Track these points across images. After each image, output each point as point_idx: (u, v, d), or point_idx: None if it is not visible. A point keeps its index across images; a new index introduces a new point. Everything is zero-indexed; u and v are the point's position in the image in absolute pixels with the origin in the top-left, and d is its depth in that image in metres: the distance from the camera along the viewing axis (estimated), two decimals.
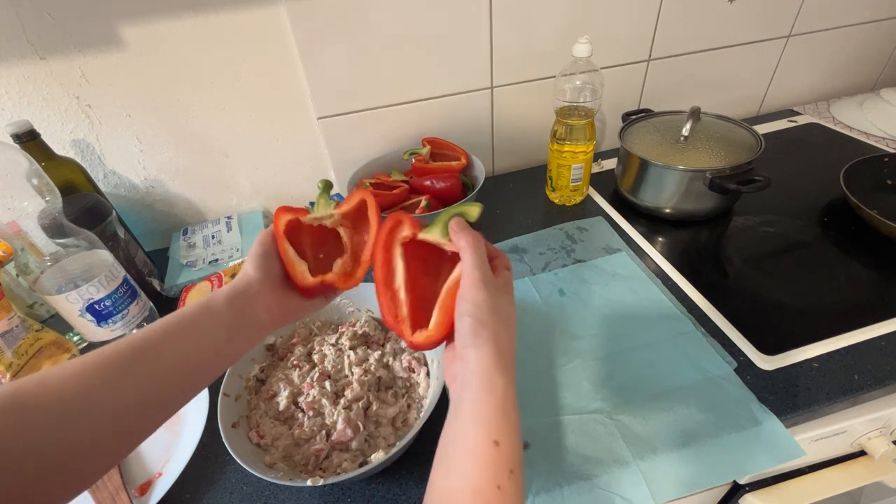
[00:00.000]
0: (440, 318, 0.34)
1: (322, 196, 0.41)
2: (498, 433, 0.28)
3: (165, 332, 0.32)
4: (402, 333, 0.35)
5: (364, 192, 0.40)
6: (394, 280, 0.36)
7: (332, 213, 0.41)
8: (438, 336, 0.34)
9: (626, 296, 0.63)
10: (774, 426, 0.47)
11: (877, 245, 0.65)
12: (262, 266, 0.37)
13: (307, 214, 0.40)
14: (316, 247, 0.41)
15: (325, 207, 0.41)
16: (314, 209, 0.41)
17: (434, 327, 0.34)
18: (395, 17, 0.71)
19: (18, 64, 0.63)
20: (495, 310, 0.32)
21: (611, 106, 0.91)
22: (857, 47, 0.99)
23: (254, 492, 0.47)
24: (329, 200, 0.41)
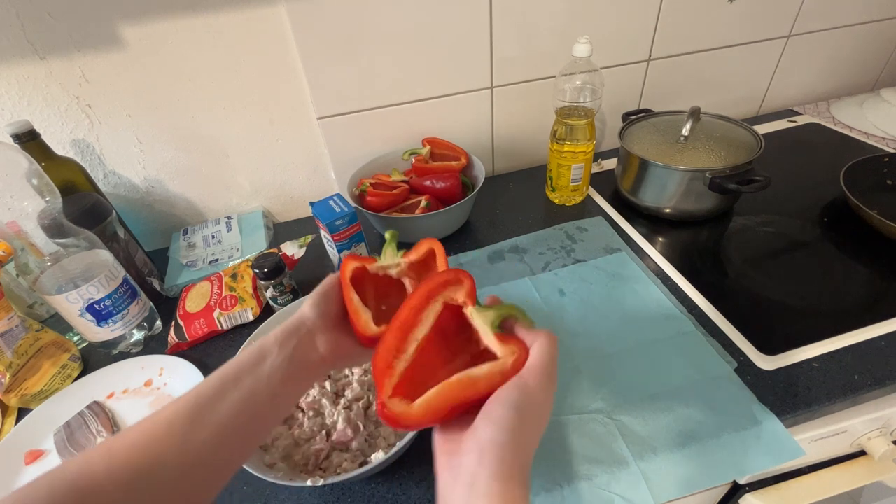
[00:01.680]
0: (432, 403, 0.28)
1: (389, 245, 0.40)
2: None
3: (222, 383, 0.32)
4: (381, 387, 0.30)
5: (433, 242, 0.39)
6: (414, 330, 0.32)
7: (398, 262, 0.40)
8: (417, 420, 0.28)
9: (626, 296, 0.63)
10: (774, 426, 0.47)
11: (877, 245, 0.65)
12: (320, 305, 0.37)
13: (374, 263, 0.39)
14: (379, 297, 0.40)
15: (393, 257, 0.40)
16: (381, 258, 0.40)
17: (419, 407, 0.28)
18: (395, 17, 0.71)
19: (18, 64, 0.63)
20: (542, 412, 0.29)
21: (611, 106, 0.91)
22: (857, 47, 0.99)
23: (254, 492, 0.47)
24: (396, 250, 0.40)
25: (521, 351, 0.30)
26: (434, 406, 0.28)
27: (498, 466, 0.25)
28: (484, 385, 0.29)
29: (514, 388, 0.28)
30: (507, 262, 0.70)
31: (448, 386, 0.29)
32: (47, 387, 0.58)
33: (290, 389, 0.35)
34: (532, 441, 0.28)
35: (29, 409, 0.56)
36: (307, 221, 0.87)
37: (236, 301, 0.64)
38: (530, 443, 0.28)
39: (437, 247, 0.39)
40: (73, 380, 0.60)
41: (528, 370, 0.29)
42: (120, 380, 0.59)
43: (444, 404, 0.28)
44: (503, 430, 0.26)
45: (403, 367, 0.30)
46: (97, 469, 0.27)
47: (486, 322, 0.32)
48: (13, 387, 0.56)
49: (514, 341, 0.31)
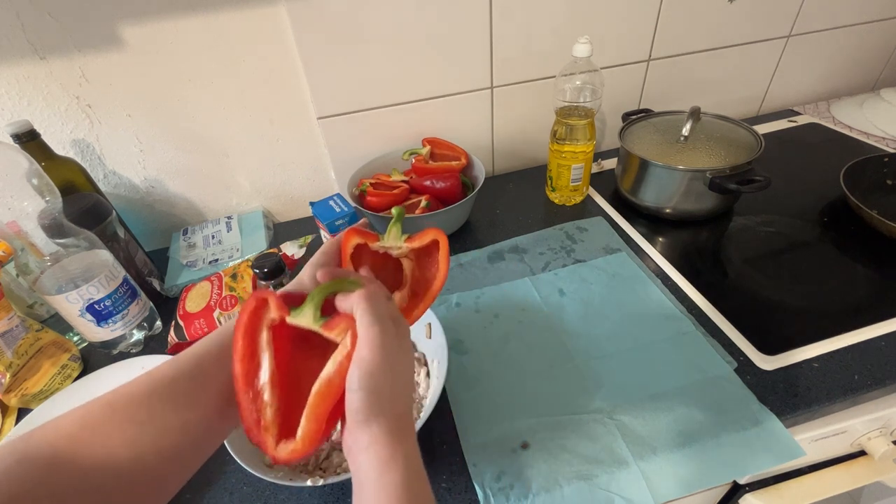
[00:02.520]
0: (310, 429, 0.28)
1: (395, 224, 0.39)
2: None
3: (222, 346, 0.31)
4: (264, 446, 0.29)
5: (438, 233, 0.39)
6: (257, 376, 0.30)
7: (401, 245, 0.39)
8: (306, 450, 0.28)
9: (626, 296, 0.63)
10: (774, 426, 0.47)
11: (877, 245, 0.65)
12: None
13: (376, 241, 0.39)
14: (375, 269, 0.39)
15: (397, 238, 0.39)
16: (385, 237, 0.39)
17: (302, 440, 0.28)
18: (395, 17, 0.71)
19: (18, 64, 0.63)
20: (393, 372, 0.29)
21: (611, 106, 0.91)
22: (857, 47, 0.99)
23: (254, 492, 0.47)
24: (401, 232, 0.39)
25: (349, 325, 0.30)
26: (313, 428, 0.28)
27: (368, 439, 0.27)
28: (339, 379, 0.29)
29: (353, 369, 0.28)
30: (507, 262, 0.70)
31: (313, 402, 0.28)
32: (47, 387, 0.58)
33: None
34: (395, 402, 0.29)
35: (29, 409, 0.56)
36: (307, 221, 0.87)
37: (236, 301, 0.64)
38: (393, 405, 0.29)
39: (441, 239, 0.38)
40: (73, 380, 0.60)
41: (360, 341, 0.29)
42: (120, 380, 0.57)
43: (320, 420, 0.28)
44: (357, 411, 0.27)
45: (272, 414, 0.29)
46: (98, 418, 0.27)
47: (308, 321, 0.31)
48: (13, 387, 0.56)
49: (340, 319, 0.30)
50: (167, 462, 0.28)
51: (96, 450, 0.26)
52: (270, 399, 0.29)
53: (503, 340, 0.59)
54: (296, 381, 0.30)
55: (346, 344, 0.29)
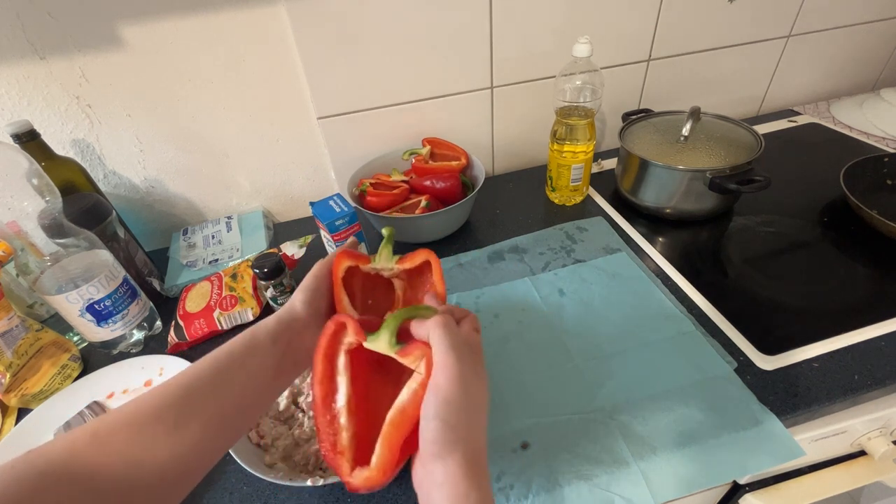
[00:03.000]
0: (384, 458, 0.28)
1: (385, 247, 0.39)
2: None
3: (215, 374, 0.31)
4: (339, 470, 0.29)
5: (429, 254, 0.38)
6: (334, 400, 0.30)
7: (392, 266, 0.39)
8: (381, 479, 0.28)
9: (626, 296, 0.63)
10: (774, 426, 0.47)
11: (877, 245, 0.65)
12: (312, 303, 0.36)
13: (367, 262, 0.39)
14: (367, 290, 0.39)
15: (388, 260, 0.39)
16: (376, 258, 0.39)
17: (377, 469, 0.28)
18: (395, 17, 0.71)
19: (18, 64, 0.63)
20: (468, 402, 0.28)
21: (611, 106, 0.91)
22: (857, 47, 0.99)
23: (254, 492, 0.47)
24: (392, 253, 0.39)
25: (425, 353, 0.30)
26: (387, 457, 0.28)
27: (441, 474, 0.26)
28: (412, 407, 0.29)
29: (428, 397, 0.28)
30: (507, 262, 0.70)
31: (387, 431, 0.28)
32: (47, 387, 0.58)
33: (279, 384, 0.35)
34: (470, 431, 0.28)
35: (29, 409, 0.56)
36: (307, 221, 0.87)
37: (236, 301, 0.64)
38: (468, 434, 0.28)
39: (432, 258, 0.38)
40: (73, 380, 0.60)
41: (436, 368, 0.29)
42: (120, 380, 0.59)
43: (394, 449, 0.28)
44: (432, 442, 0.27)
45: (348, 438, 0.30)
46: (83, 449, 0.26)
47: (384, 346, 0.31)
48: (13, 387, 0.56)
49: (415, 346, 0.31)
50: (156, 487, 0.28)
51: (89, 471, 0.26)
52: (347, 423, 0.30)
53: (503, 340, 0.59)
54: (374, 407, 0.31)
55: (421, 371, 0.29)
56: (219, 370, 0.32)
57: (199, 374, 0.31)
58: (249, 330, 0.34)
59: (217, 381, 0.31)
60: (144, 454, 0.27)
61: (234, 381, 0.32)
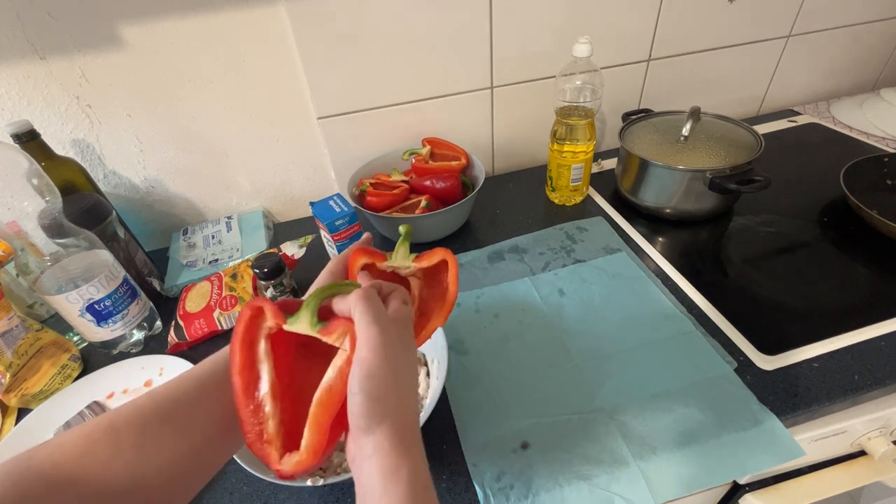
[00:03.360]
0: (314, 440, 0.27)
1: (403, 244, 0.39)
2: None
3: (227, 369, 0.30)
4: (267, 459, 0.28)
5: (447, 253, 0.38)
6: (257, 388, 0.29)
7: (409, 265, 0.38)
8: (312, 462, 0.27)
9: (626, 296, 0.63)
10: (774, 426, 0.47)
11: (877, 245, 0.65)
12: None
13: (384, 260, 0.38)
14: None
15: (405, 258, 0.38)
16: (393, 257, 0.38)
17: (306, 451, 0.27)
18: (395, 17, 0.71)
19: (18, 64, 0.63)
20: (395, 373, 0.27)
21: (611, 106, 0.91)
22: (857, 47, 0.99)
23: (254, 492, 0.47)
24: (409, 251, 0.39)
25: (348, 329, 0.29)
26: (318, 439, 0.27)
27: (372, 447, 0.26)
28: (340, 385, 0.28)
29: (353, 371, 0.27)
30: (507, 262, 0.70)
31: (315, 412, 0.27)
32: (47, 387, 0.58)
33: None
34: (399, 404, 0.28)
35: (29, 409, 0.56)
36: (307, 221, 0.87)
37: (236, 301, 0.64)
38: (396, 406, 0.27)
39: (449, 257, 0.37)
40: (73, 380, 0.60)
41: (358, 342, 0.28)
42: (120, 380, 0.59)
43: (323, 430, 0.27)
44: (360, 416, 0.26)
45: (275, 426, 0.28)
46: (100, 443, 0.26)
47: (306, 327, 0.30)
48: (13, 387, 0.56)
49: (338, 323, 0.29)
50: (168, 484, 0.28)
51: (96, 472, 0.25)
52: (272, 411, 0.28)
53: (503, 340, 0.59)
54: (300, 392, 0.29)
55: (346, 347, 0.28)
56: (216, 368, 0.31)
57: (213, 369, 0.31)
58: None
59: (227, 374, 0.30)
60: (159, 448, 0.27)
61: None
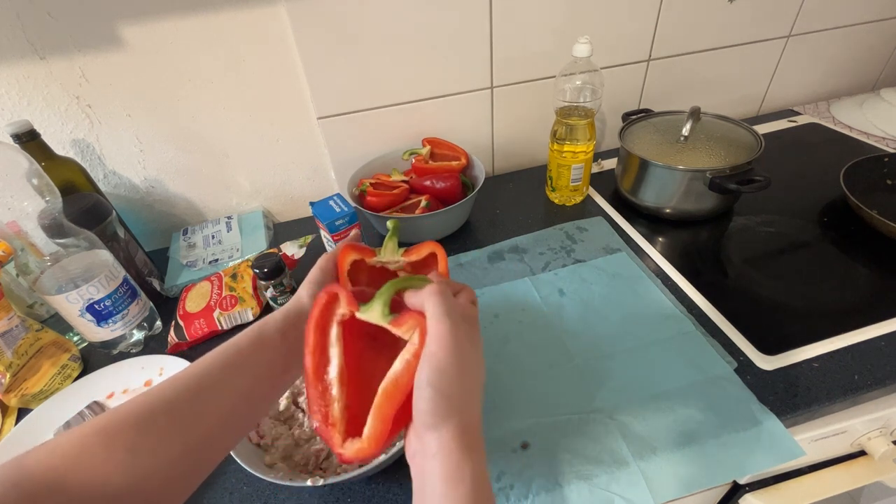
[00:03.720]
0: (376, 429, 0.28)
1: (391, 239, 0.39)
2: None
3: (224, 367, 0.31)
4: (331, 442, 0.29)
5: (435, 246, 0.38)
6: (326, 371, 0.30)
7: (398, 259, 0.39)
8: (373, 451, 0.28)
9: (626, 296, 0.63)
10: (774, 426, 0.47)
11: (877, 245, 0.65)
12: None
13: (373, 256, 0.38)
14: (372, 284, 0.39)
15: (393, 253, 0.39)
16: (381, 252, 0.39)
17: (368, 440, 0.28)
18: (395, 17, 0.71)
19: (18, 64, 0.63)
20: (463, 371, 0.27)
21: (611, 106, 0.91)
22: (857, 47, 0.99)
23: (254, 492, 0.47)
24: (397, 246, 0.39)
25: (418, 322, 0.29)
26: (379, 429, 0.27)
27: (435, 445, 0.26)
28: (406, 377, 0.28)
29: (423, 365, 0.27)
30: (507, 262, 0.70)
31: (380, 402, 0.28)
32: (47, 387, 0.58)
33: (288, 378, 0.34)
34: (464, 402, 0.28)
35: (29, 409, 0.56)
36: (307, 221, 0.87)
37: (236, 301, 0.64)
38: (462, 404, 0.27)
39: (438, 251, 0.38)
40: (73, 380, 0.60)
41: (430, 337, 0.28)
42: (120, 380, 0.59)
43: (387, 420, 0.27)
44: (425, 412, 0.26)
45: (339, 409, 0.29)
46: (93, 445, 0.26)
47: (377, 317, 0.30)
48: (13, 387, 0.56)
49: (408, 316, 0.30)
50: (166, 485, 0.28)
51: (93, 475, 0.25)
52: (339, 395, 0.29)
53: (503, 340, 0.59)
54: (367, 380, 0.30)
55: (415, 341, 0.29)
56: (227, 365, 0.31)
57: (208, 368, 0.31)
58: (257, 325, 0.34)
59: (225, 376, 0.31)
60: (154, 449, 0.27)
61: (244, 376, 0.32)
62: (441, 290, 0.29)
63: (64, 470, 0.25)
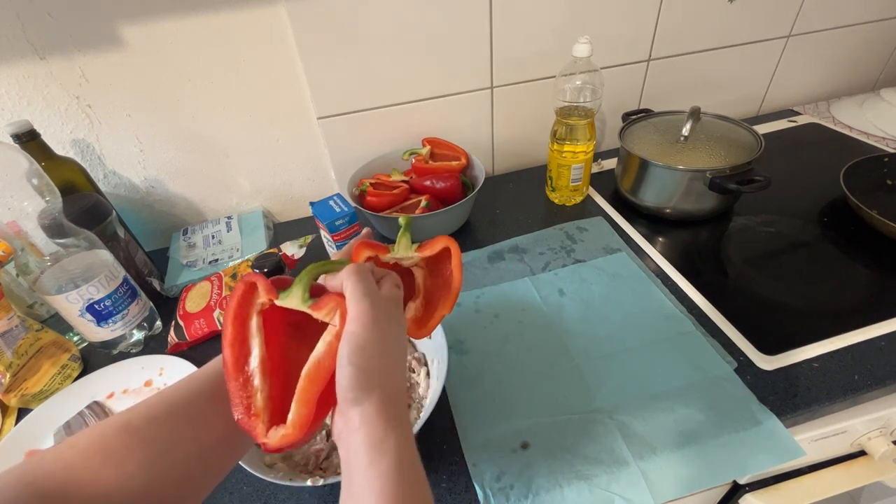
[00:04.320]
0: (300, 414, 0.27)
1: (404, 235, 0.38)
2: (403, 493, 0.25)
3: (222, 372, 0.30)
4: (254, 432, 0.28)
5: (449, 240, 0.38)
6: (247, 362, 0.29)
7: (412, 255, 0.38)
8: (298, 436, 0.27)
9: (626, 296, 0.63)
10: (774, 426, 0.47)
11: (877, 245, 0.65)
12: None
13: (387, 252, 0.38)
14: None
15: (407, 249, 0.38)
16: (395, 248, 0.38)
17: (293, 425, 0.27)
18: (395, 17, 0.71)
19: (18, 64, 0.63)
20: (384, 347, 0.28)
21: (611, 106, 0.91)
22: (857, 47, 0.99)
23: (254, 492, 0.47)
24: (411, 242, 0.38)
25: (338, 303, 0.29)
26: (304, 413, 0.27)
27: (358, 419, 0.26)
28: (329, 360, 0.28)
29: (343, 344, 0.27)
30: (507, 262, 0.70)
31: (303, 386, 0.28)
32: (47, 387, 0.58)
33: None
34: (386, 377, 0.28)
35: (29, 409, 0.56)
36: (307, 221, 0.87)
37: None
38: (384, 380, 0.28)
39: (453, 246, 0.37)
40: (73, 380, 0.60)
41: (349, 316, 0.28)
42: (120, 380, 0.59)
43: (310, 404, 0.27)
44: (348, 388, 0.26)
45: (262, 399, 0.29)
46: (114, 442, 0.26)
47: (297, 302, 0.30)
48: (13, 387, 0.56)
49: (328, 299, 0.30)
50: (182, 485, 0.28)
51: (110, 474, 0.25)
52: (261, 384, 0.29)
53: (503, 340, 0.59)
54: (290, 370, 0.30)
55: (335, 323, 0.29)
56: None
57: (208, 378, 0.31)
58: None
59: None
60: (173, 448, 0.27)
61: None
62: (358, 269, 0.29)
63: (82, 468, 0.25)
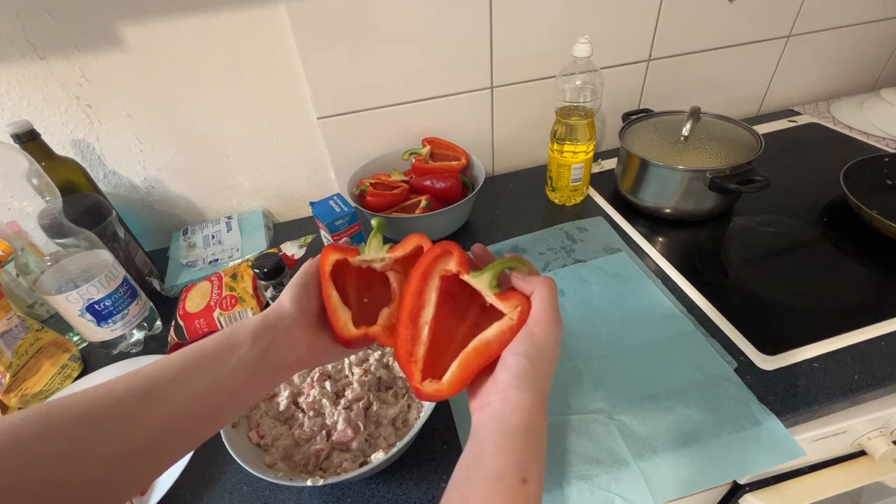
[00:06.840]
0: (457, 376, 0.31)
1: (375, 237, 0.38)
2: (529, 472, 0.27)
3: (181, 369, 0.30)
4: (411, 375, 0.32)
5: (421, 238, 0.37)
6: (421, 314, 0.33)
7: (383, 256, 0.37)
8: (449, 393, 0.31)
9: (626, 296, 0.63)
10: (774, 426, 0.47)
11: (877, 245, 0.65)
12: (300, 300, 0.35)
13: (356, 255, 0.37)
14: (361, 289, 0.38)
15: (378, 250, 0.37)
16: (365, 250, 0.38)
17: (447, 384, 0.31)
18: (395, 17, 0.71)
19: (18, 64, 0.63)
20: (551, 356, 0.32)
21: (611, 106, 0.91)
22: (857, 47, 0.99)
23: (254, 492, 0.47)
24: (382, 243, 0.38)
25: (523, 303, 0.32)
26: (460, 377, 0.31)
27: (517, 402, 0.29)
28: (497, 344, 0.31)
29: (522, 339, 0.31)
30: None
31: (467, 356, 0.31)
32: (47, 387, 0.58)
33: (255, 388, 0.33)
34: (545, 381, 0.32)
35: None
36: (307, 221, 0.87)
37: (236, 301, 0.64)
38: (543, 383, 0.31)
39: (425, 243, 0.37)
40: (73, 380, 0.60)
41: (533, 320, 0.32)
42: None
43: (468, 372, 0.31)
44: (517, 375, 0.30)
45: (423, 351, 0.33)
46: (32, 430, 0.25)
47: (484, 286, 0.33)
48: (13, 387, 0.56)
49: (514, 295, 0.33)
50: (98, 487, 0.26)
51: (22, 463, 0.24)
52: (426, 338, 0.33)
53: None
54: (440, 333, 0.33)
55: (513, 318, 0.32)
56: (184, 366, 0.30)
57: (163, 368, 0.30)
58: (231, 326, 0.33)
59: (180, 377, 0.30)
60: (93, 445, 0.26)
61: (201, 378, 0.30)
62: (554, 285, 0.34)
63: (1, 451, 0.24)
